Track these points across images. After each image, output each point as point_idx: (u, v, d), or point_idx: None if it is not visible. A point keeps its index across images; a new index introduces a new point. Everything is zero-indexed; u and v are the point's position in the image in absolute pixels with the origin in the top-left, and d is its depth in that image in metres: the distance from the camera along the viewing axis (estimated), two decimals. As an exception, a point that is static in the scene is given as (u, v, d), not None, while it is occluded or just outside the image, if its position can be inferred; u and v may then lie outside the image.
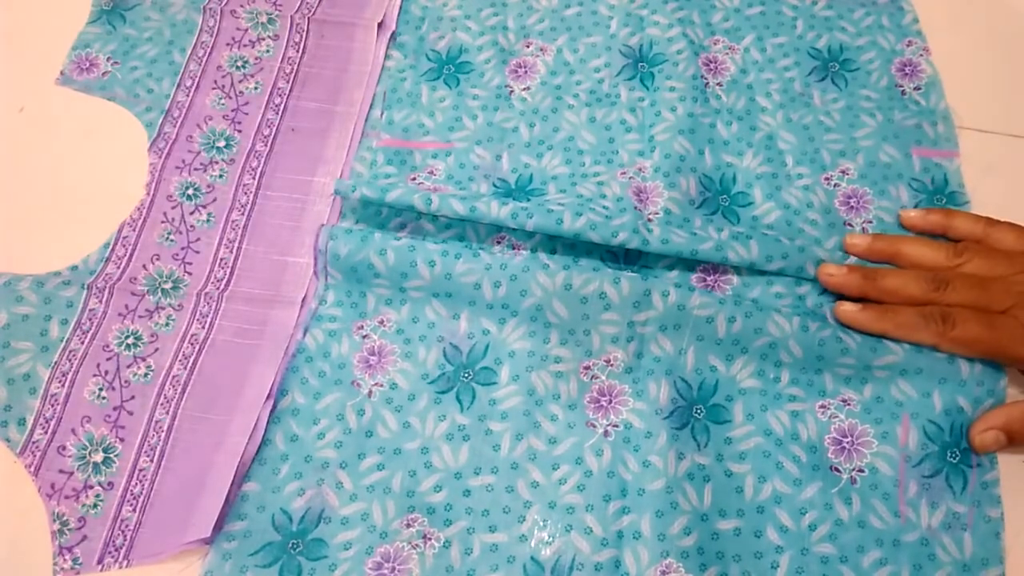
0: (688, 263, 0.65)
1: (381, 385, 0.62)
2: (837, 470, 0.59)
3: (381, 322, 0.64)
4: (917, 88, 0.74)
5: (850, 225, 0.67)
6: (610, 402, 0.61)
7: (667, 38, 0.75)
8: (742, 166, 0.71)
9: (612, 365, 0.62)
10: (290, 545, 0.57)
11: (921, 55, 0.76)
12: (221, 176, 0.68)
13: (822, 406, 0.61)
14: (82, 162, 0.69)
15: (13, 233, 0.66)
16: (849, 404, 0.61)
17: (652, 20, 0.77)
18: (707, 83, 0.74)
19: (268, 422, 0.60)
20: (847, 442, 0.60)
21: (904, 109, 0.73)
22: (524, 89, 0.75)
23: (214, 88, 0.72)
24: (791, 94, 0.74)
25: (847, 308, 0.62)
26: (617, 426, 0.60)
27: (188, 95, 0.72)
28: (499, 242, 0.65)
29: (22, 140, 0.70)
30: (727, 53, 0.76)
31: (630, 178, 0.68)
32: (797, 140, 0.72)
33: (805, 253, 0.64)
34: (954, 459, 0.59)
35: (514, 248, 0.65)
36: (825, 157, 0.71)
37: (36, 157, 0.69)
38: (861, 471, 0.59)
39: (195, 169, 0.68)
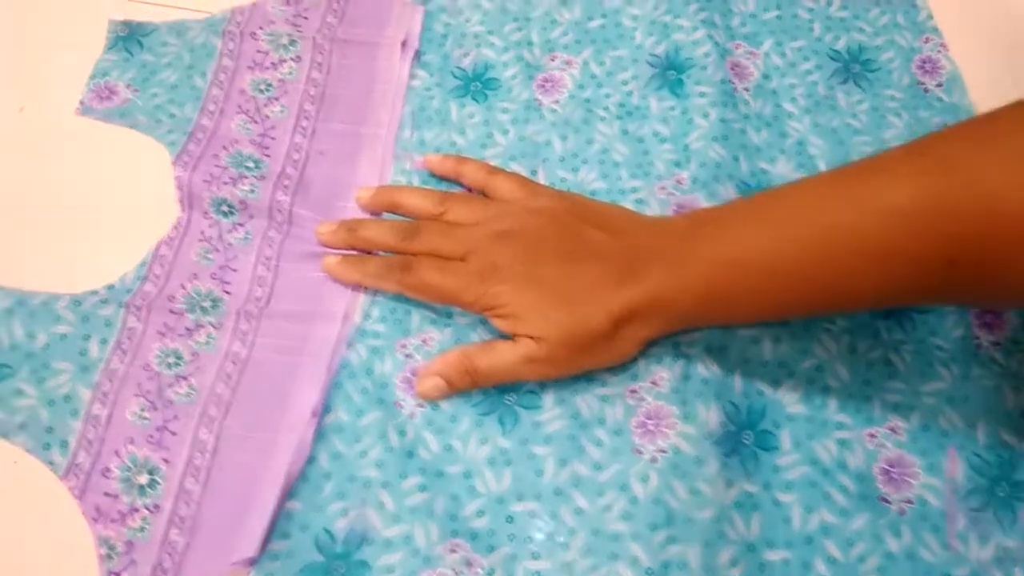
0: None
1: (423, 406, 0.61)
2: (886, 501, 0.59)
3: (424, 341, 0.63)
4: (939, 85, 0.75)
5: None
6: (657, 425, 0.60)
7: (692, 41, 0.75)
8: (776, 172, 0.71)
9: (659, 386, 0.61)
10: (333, 567, 0.56)
11: (939, 51, 0.76)
12: (253, 191, 0.67)
13: (870, 434, 0.61)
14: (114, 182, 0.69)
15: (49, 252, 0.66)
16: (897, 432, 0.61)
17: (676, 24, 0.77)
18: (735, 88, 0.74)
19: (313, 439, 0.59)
20: (895, 472, 0.60)
21: (929, 107, 0.74)
22: (553, 103, 0.74)
23: (239, 112, 0.72)
24: (816, 98, 0.75)
25: (328, 260, 0.64)
26: (665, 451, 0.59)
27: (212, 120, 0.71)
28: None
29: (53, 162, 0.70)
30: (749, 58, 0.76)
31: (669, 193, 0.68)
32: (827, 144, 0.72)
33: None
34: (1003, 493, 0.59)
35: None
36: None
37: (67, 178, 0.69)
38: (910, 502, 0.59)
39: (224, 183, 0.67)
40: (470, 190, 0.70)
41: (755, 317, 0.62)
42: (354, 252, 0.66)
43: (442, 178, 0.69)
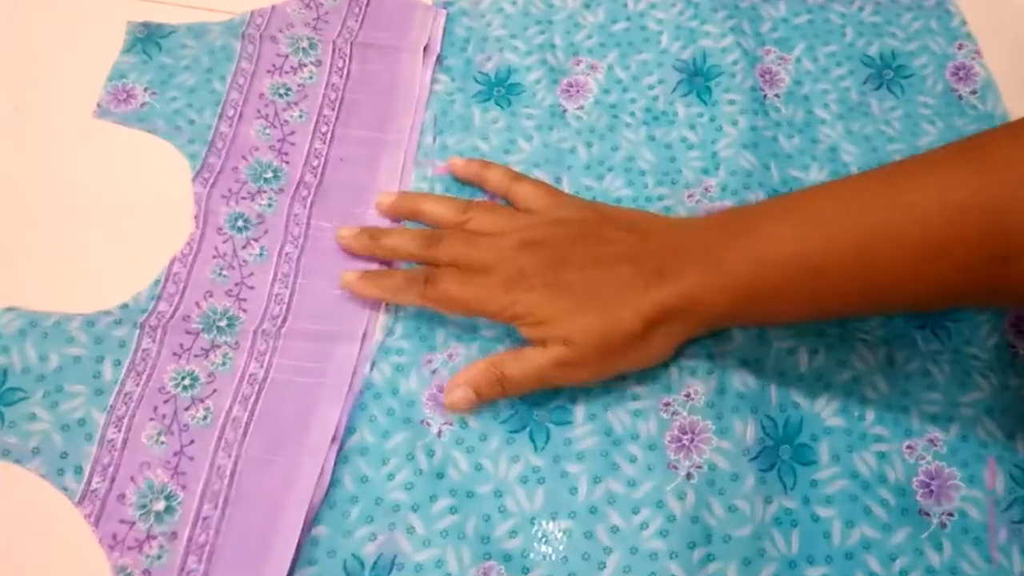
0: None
1: (451, 424, 0.60)
2: (926, 514, 0.58)
3: (450, 356, 0.62)
4: (973, 92, 0.74)
5: None
6: (692, 440, 0.59)
7: (720, 48, 0.74)
8: (808, 180, 0.69)
9: (692, 399, 0.60)
10: None
11: (973, 58, 0.75)
12: (270, 206, 0.66)
13: (909, 446, 0.59)
14: (128, 197, 0.68)
15: (60, 271, 0.64)
16: (936, 444, 0.59)
17: (703, 31, 0.75)
18: (765, 95, 0.73)
19: (336, 462, 0.58)
20: (935, 485, 0.58)
21: (963, 115, 0.73)
22: (578, 108, 0.73)
23: (258, 117, 0.71)
24: (848, 104, 0.73)
25: (348, 276, 0.63)
26: (701, 467, 0.58)
27: (231, 125, 0.70)
28: None
29: (64, 176, 0.68)
30: (779, 64, 0.75)
31: (697, 201, 0.67)
32: (860, 151, 0.71)
33: None
34: None
35: None
36: None
37: (79, 193, 0.68)
38: (951, 515, 0.57)
39: (242, 199, 0.66)
40: (493, 197, 0.69)
41: (792, 317, 0.61)
42: (374, 265, 0.65)
43: (465, 182, 0.69)
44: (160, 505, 0.56)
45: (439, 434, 0.60)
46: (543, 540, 0.56)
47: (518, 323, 0.59)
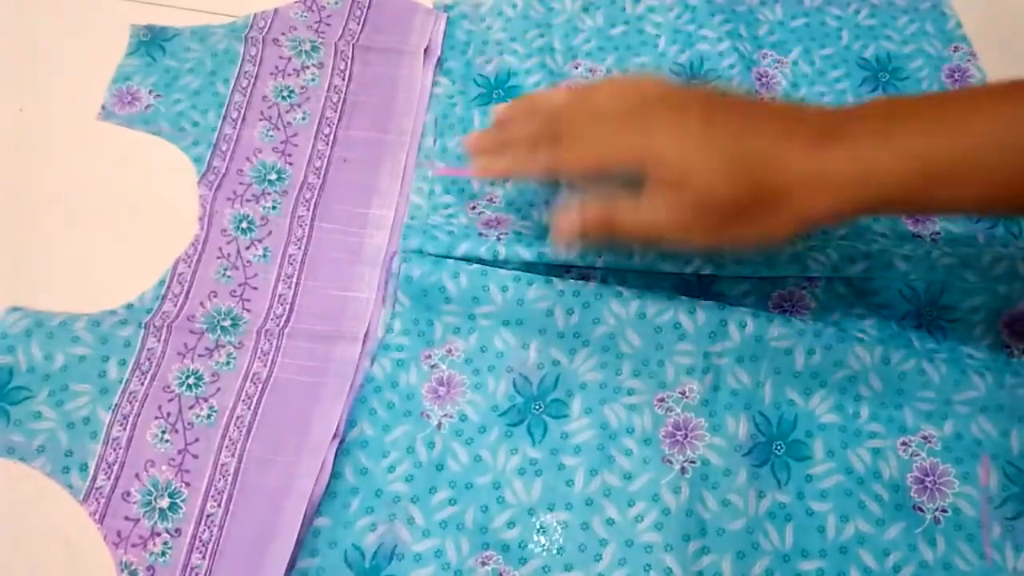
0: (763, 293, 0.64)
1: (451, 416, 0.60)
2: (920, 510, 0.58)
3: (449, 351, 0.62)
4: None
5: (919, 237, 0.66)
6: (686, 436, 0.59)
7: (718, 52, 0.74)
8: None
9: (687, 397, 0.60)
10: None
11: (969, 60, 0.75)
12: (275, 208, 0.67)
13: (903, 443, 0.60)
14: (133, 198, 0.68)
15: (65, 272, 0.65)
16: (930, 441, 0.60)
17: (700, 35, 0.76)
18: (761, 98, 0.73)
19: (337, 454, 0.59)
20: (929, 481, 0.59)
21: None
22: (576, 112, 0.73)
23: (261, 120, 0.71)
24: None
25: (477, 159, 0.61)
26: (694, 462, 0.59)
27: (235, 127, 0.71)
28: (568, 270, 0.64)
29: (69, 178, 0.69)
30: (776, 67, 0.75)
31: None
32: None
33: (887, 253, 0.63)
34: None
35: (584, 279, 0.63)
36: None
37: (84, 194, 0.68)
38: (944, 511, 0.58)
39: (247, 200, 0.67)
40: (490, 200, 0.69)
41: (963, 205, 0.54)
42: (377, 269, 0.66)
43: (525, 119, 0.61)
44: (164, 502, 0.57)
45: (439, 426, 0.60)
46: (540, 531, 0.57)
47: (645, 162, 0.53)
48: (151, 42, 0.75)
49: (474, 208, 0.68)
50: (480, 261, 0.63)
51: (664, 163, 0.52)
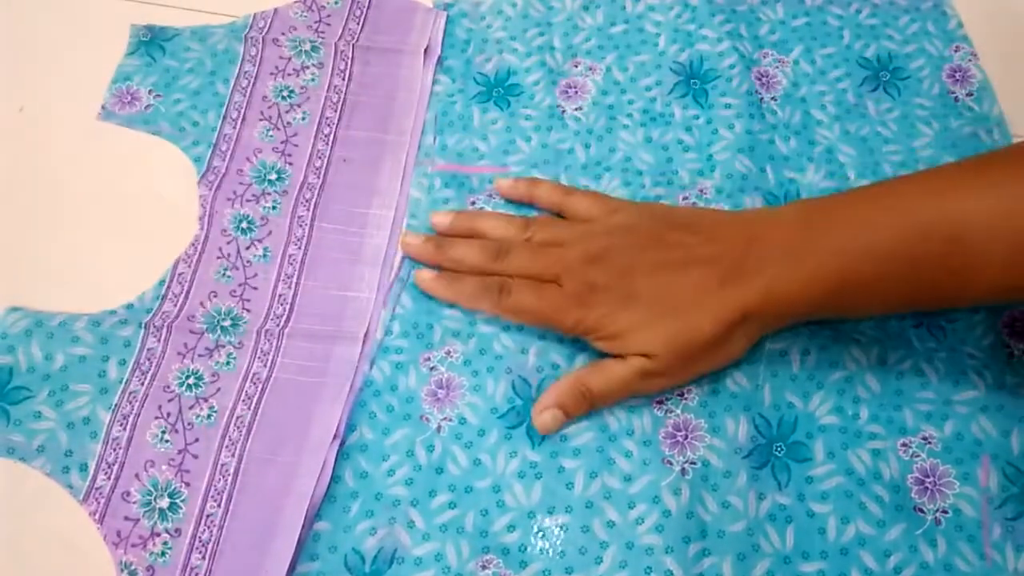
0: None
1: (450, 420, 0.60)
2: (921, 511, 0.58)
3: (448, 353, 0.62)
4: (969, 94, 0.74)
5: None
6: (686, 437, 0.59)
7: (718, 53, 0.74)
8: (804, 181, 0.70)
9: (686, 399, 0.60)
10: None
11: (970, 60, 0.75)
12: (275, 208, 0.67)
13: (903, 444, 0.60)
14: (133, 198, 0.68)
15: (65, 271, 0.65)
16: (930, 442, 0.60)
17: (700, 35, 0.76)
18: (762, 98, 0.73)
19: (337, 458, 0.58)
20: (929, 482, 0.59)
21: (959, 117, 0.73)
22: (576, 109, 0.73)
23: (261, 120, 0.71)
24: (845, 106, 0.74)
25: (424, 275, 0.64)
26: (695, 464, 0.58)
27: (235, 127, 0.71)
28: None
29: (69, 177, 0.69)
30: (777, 66, 0.75)
31: (692, 203, 0.67)
32: (856, 152, 0.71)
33: None
34: None
35: None
36: (886, 169, 0.70)
37: (84, 194, 0.68)
38: (945, 512, 0.58)
39: (247, 200, 0.67)
40: (479, 205, 0.69)
41: (879, 309, 0.61)
42: (377, 268, 0.66)
43: (517, 203, 0.69)
44: (164, 502, 0.57)
45: (439, 429, 0.60)
46: (541, 534, 0.57)
47: (592, 336, 0.59)
48: (151, 42, 0.75)
49: (473, 203, 0.68)
50: None
51: (614, 338, 0.59)
